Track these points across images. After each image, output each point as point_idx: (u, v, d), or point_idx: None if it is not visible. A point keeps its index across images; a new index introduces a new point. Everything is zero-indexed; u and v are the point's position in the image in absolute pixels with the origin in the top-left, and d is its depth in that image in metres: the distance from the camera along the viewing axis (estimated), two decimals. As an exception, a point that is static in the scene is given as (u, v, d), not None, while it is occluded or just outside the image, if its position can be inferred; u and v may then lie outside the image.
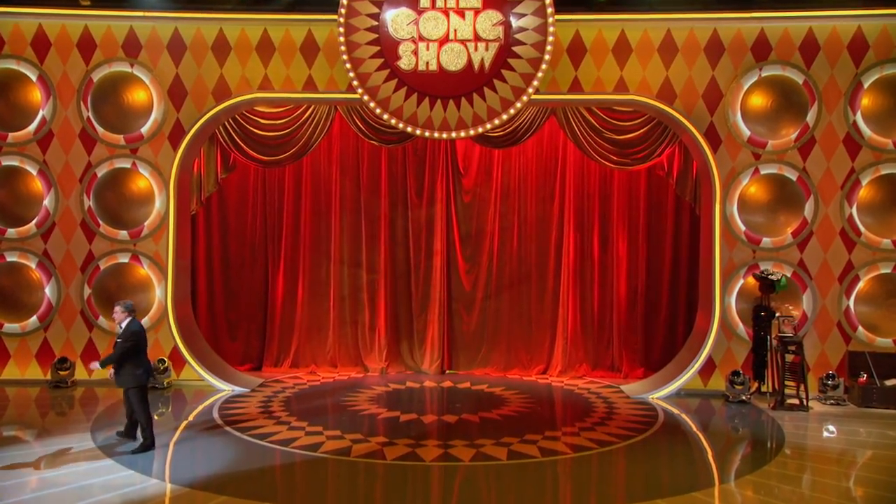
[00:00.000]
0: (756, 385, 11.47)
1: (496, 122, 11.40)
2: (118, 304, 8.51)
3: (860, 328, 11.60)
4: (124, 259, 11.92)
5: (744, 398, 11.13)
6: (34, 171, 11.89)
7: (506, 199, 13.28)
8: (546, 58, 11.14)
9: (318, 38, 11.68)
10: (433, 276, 13.24)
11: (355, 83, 11.27)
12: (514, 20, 11.10)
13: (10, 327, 11.94)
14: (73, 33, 11.78)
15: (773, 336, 11.22)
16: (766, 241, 11.71)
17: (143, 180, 11.91)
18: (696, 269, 12.54)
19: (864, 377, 11.14)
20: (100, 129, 11.85)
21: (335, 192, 13.31)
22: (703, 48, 11.61)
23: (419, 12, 11.13)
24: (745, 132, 11.64)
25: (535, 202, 13.26)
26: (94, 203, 11.88)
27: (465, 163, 13.31)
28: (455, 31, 11.14)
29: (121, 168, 11.89)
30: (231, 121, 12.32)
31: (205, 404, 10.68)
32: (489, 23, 11.12)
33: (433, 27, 11.14)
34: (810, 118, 11.52)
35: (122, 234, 11.93)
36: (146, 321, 11.58)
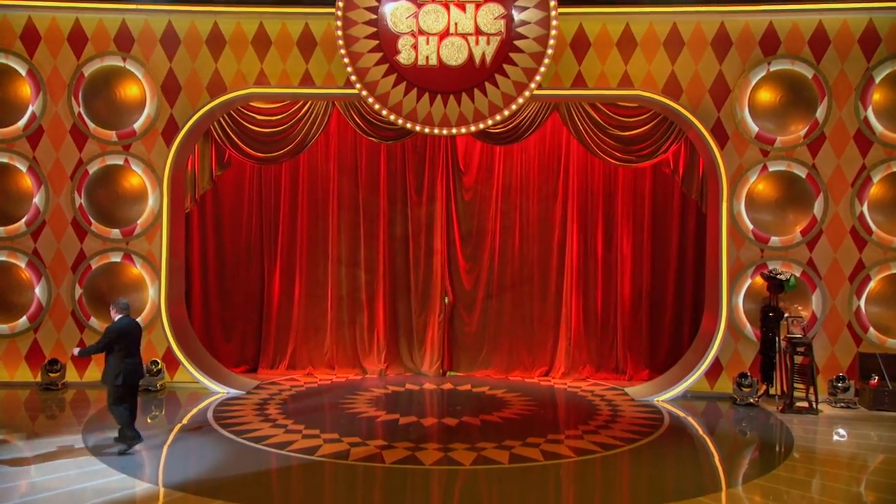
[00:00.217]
0: (764, 387, 11.45)
1: (497, 118, 11.39)
2: (111, 302, 8.84)
3: (871, 329, 11.59)
4: (116, 258, 11.92)
5: (752, 401, 11.12)
6: (24, 168, 11.88)
7: (507, 197, 13.28)
8: (549, 52, 11.14)
9: (316, 31, 11.67)
10: (433, 275, 13.24)
11: (353, 78, 11.27)
12: (515, 13, 11.10)
13: (-1, 328, 11.95)
14: (63, 26, 11.77)
15: (782, 337, 11.21)
16: (775, 239, 11.70)
17: (136, 177, 11.91)
18: (703, 268, 12.52)
19: (875, 379, 11.13)
20: (91, 125, 11.84)
21: (333, 190, 13.30)
22: (709, 42, 11.60)
23: (419, 5, 11.13)
24: (753, 128, 11.63)
25: (538, 200, 13.26)
26: (85, 201, 11.87)
27: (465, 160, 13.31)
28: (456, 24, 11.14)
29: (113, 165, 11.88)
30: (226, 116, 12.31)
31: (199, 407, 10.68)
32: (490, 16, 11.12)
33: (433, 21, 11.14)
34: (820, 114, 11.51)
35: (115, 232, 11.92)
36: (139, 322, 11.53)
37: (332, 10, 11.19)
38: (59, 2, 11.65)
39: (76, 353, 8.79)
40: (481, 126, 11.44)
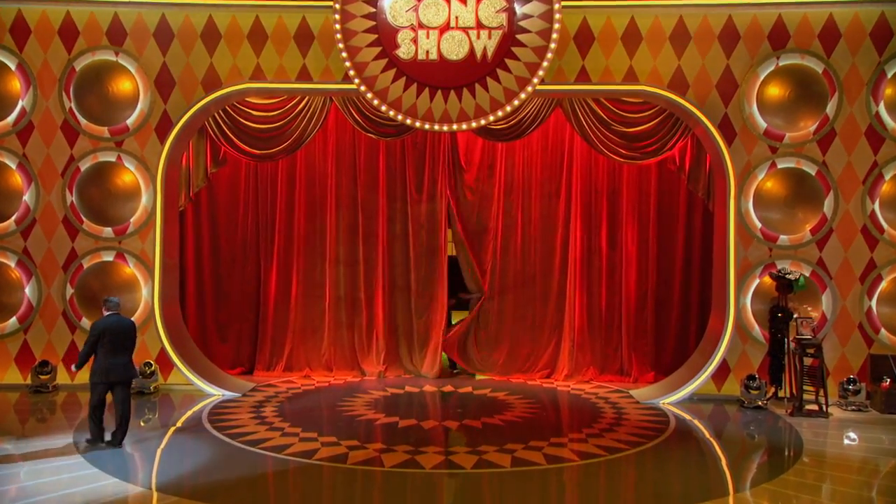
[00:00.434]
0: (773, 390, 11.46)
1: (499, 113, 11.39)
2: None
3: (883, 330, 11.58)
4: (109, 257, 11.91)
5: (760, 404, 11.11)
6: (13, 165, 11.87)
7: (509, 194, 13.27)
8: (552, 46, 11.13)
9: (313, 25, 11.66)
10: (434, 275, 13.23)
11: (352, 73, 11.27)
12: (518, 6, 11.10)
13: (-11, 329, 11.95)
14: (54, 19, 11.76)
15: (791, 338, 11.20)
16: (784, 238, 11.70)
17: (129, 175, 11.90)
18: (710, 268, 12.52)
19: (887, 382, 11.10)
20: (83, 121, 11.84)
21: (331, 188, 13.29)
22: (717, 36, 11.59)
23: (419, -2, 11.14)
24: (762, 124, 11.62)
25: (540, 198, 13.25)
26: (76, 198, 11.87)
27: (466, 157, 13.29)
28: (456, 18, 11.14)
29: (105, 162, 11.88)
30: (221, 112, 12.31)
31: (194, 409, 10.68)
32: (492, 9, 11.11)
33: (433, 14, 11.14)
34: (830, 109, 11.49)
35: (107, 231, 11.92)
36: (132, 321, 11.51)
37: (330, 3, 11.19)
38: (49, -6, 11.67)
39: (74, 368, 8.98)
40: (483, 122, 11.44)
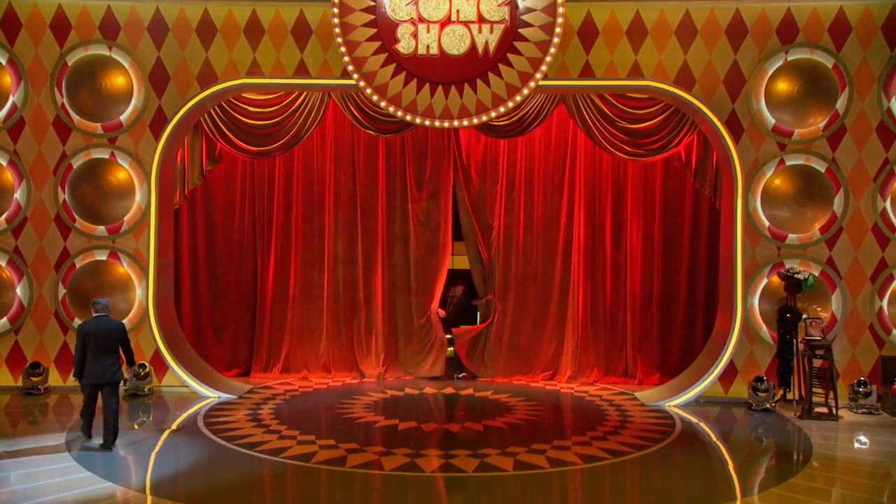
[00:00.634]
0: (781, 392, 11.45)
1: (501, 109, 11.40)
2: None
3: (894, 331, 11.57)
4: (102, 256, 11.92)
5: (768, 406, 11.12)
6: (4, 162, 11.88)
7: (511, 192, 13.27)
8: (555, 41, 11.14)
9: (311, 19, 11.67)
10: (435, 275, 13.24)
11: (350, 68, 11.27)
12: (520, 0, 11.09)
13: (-20, 330, 11.95)
14: (45, 13, 11.77)
15: (800, 339, 11.19)
16: (792, 237, 11.70)
17: (123, 172, 11.91)
18: (716, 267, 12.52)
19: (897, 384, 11.13)
20: (75, 117, 11.84)
21: (329, 186, 13.31)
22: (724, 30, 11.59)
23: (419, -9, 11.14)
24: (770, 120, 11.62)
25: (543, 196, 13.25)
26: (69, 196, 11.87)
27: (468, 154, 13.29)
28: (457, 11, 11.14)
29: (98, 159, 11.89)
30: (217, 108, 12.31)
31: (189, 412, 10.68)
32: (494, 3, 11.12)
33: (434, 8, 11.14)
34: (840, 105, 11.49)
35: (100, 229, 11.93)
36: (125, 323, 11.52)
37: (329, -3, 11.22)
38: (41, -13, 11.68)
39: (73, 378, 9.08)
40: (484, 118, 11.45)
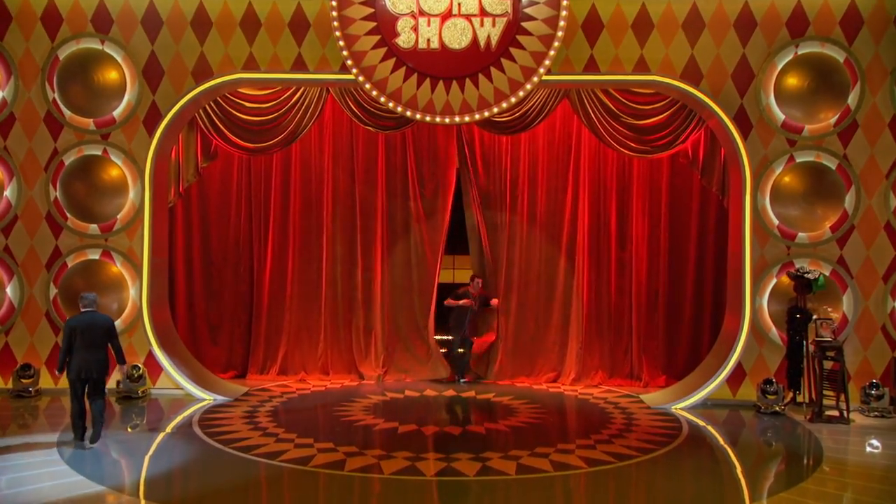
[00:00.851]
0: (791, 395, 11.43)
1: (504, 105, 11.40)
2: None
3: (906, 332, 11.59)
4: (94, 256, 11.91)
5: (777, 409, 11.10)
6: (-5, 159, 11.91)
7: (514, 190, 13.28)
8: (559, 34, 11.13)
9: (309, 12, 11.66)
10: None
11: (349, 63, 11.27)
12: (523, -8, 11.11)
13: (-31, 331, 11.95)
14: (36, 6, 11.75)
15: (810, 341, 11.18)
16: (802, 235, 11.68)
17: (116, 169, 11.91)
18: (724, 267, 12.50)
19: (910, 386, 11.14)
20: (67, 113, 11.84)
21: (327, 183, 13.31)
22: (732, 23, 11.57)
23: (419, -16, 11.14)
24: (779, 116, 11.61)
25: (546, 193, 13.25)
26: (61, 194, 11.87)
27: (469, 151, 13.28)
28: (459, 4, 11.14)
29: (91, 155, 11.87)
30: (212, 104, 12.31)
31: (183, 415, 10.66)
32: (496, -5, 11.13)
33: (435, 1, 11.13)
34: (852, 100, 11.47)
35: (93, 228, 11.92)
36: (118, 324, 11.53)
37: (327, -11, 11.22)
38: (33, -20, 11.68)
39: (57, 373, 9.16)
40: (486, 114, 11.44)
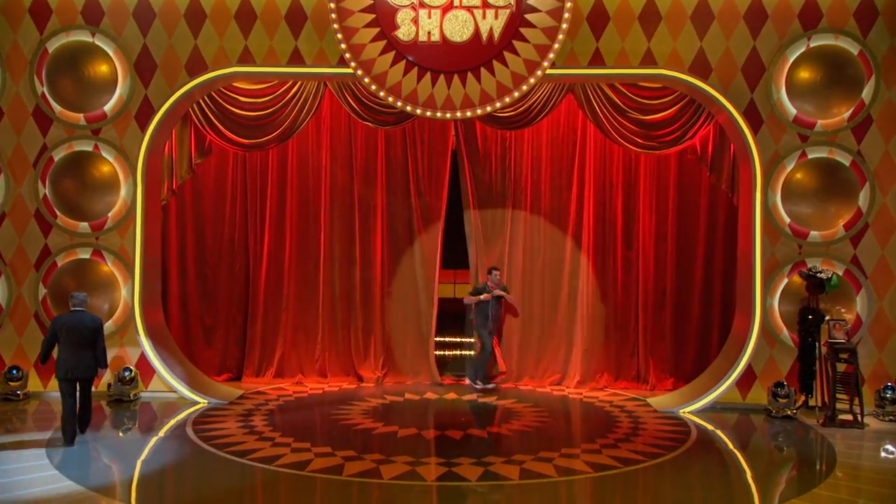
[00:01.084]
0: (803, 398, 11.40)
1: (507, 100, 11.38)
2: None
3: (922, 334, 11.56)
4: (85, 254, 11.89)
5: (789, 413, 11.08)
6: (-17, 155, 11.89)
7: (517, 187, 13.25)
8: (563, 27, 11.11)
9: (306, 4, 11.65)
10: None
11: (347, 56, 11.25)
12: (527, -17, 11.09)
13: (-44, 332, 11.93)
14: (26, -3, 11.79)
15: (823, 342, 11.15)
16: (815, 234, 11.65)
17: (107, 165, 11.89)
18: (734, 266, 12.49)
19: (926, 390, 11.09)
20: (56, 107, 11.82)
21: (325, 180, 13.29)
22: (742, 15, 11.55)
23: (420, -26, 11.12)
24: (791, 111, 11.58)
25: (550, 190, 13.23)
26: (50, 191, 11.85)
27: (470, 146, 13.26)
28: (460, -4, 11.14)
29: (81, 151, 11.85)
30: (207, 98, 12.29)
31: (177, 419, 10.65)
32: (499, -13, 11.11)
33: (436, -8, 11.14)
34: (866, 94, 11.45)
35: (83, 226, 11.90)
36: (109, 325, 11.53)
37: (324, -20, 11.20)
38: (21, -29, 11.66)
39: (41, 364, 9.64)
40: (488, 109, 11.42)
